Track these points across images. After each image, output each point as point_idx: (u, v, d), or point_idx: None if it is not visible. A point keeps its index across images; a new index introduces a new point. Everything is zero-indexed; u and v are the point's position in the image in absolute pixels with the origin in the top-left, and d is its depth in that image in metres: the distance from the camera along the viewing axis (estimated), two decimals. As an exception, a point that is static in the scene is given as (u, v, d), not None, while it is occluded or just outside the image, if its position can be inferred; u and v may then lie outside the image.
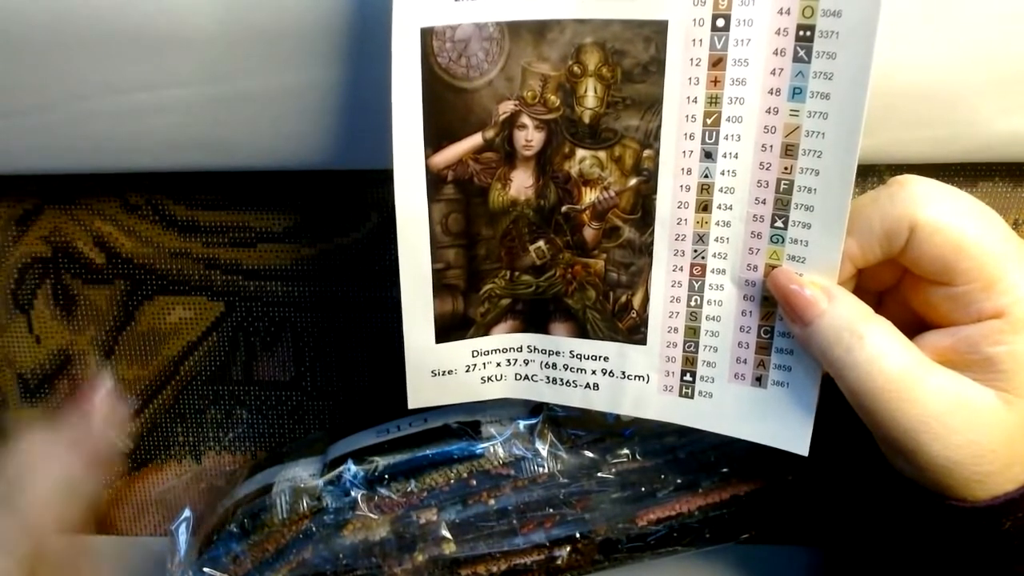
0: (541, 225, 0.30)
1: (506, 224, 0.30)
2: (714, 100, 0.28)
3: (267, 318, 0.39)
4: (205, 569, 0.34)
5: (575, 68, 0.28)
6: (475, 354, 0.32)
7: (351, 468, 0.34)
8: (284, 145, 0.32)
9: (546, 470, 0.33)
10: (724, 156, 0.28)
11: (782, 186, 0.28)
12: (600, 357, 0.31)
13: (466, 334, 0.31)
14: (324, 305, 0.39)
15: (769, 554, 0.40)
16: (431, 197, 0.29)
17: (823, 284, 0.27)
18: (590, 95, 0.28)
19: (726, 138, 0.28)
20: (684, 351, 0.31)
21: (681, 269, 0.30)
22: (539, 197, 0.30)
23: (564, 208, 0.30)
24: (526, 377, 0.32)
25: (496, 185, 0.30)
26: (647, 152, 0.29)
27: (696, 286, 0.30)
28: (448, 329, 0.31)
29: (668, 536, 0.34)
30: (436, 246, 0.30)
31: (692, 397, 0.31)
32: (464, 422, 0.35)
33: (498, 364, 0.32)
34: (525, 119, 0.29)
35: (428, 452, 0.34)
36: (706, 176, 0.29)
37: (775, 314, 0.29)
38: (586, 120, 0.29)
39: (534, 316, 0.32)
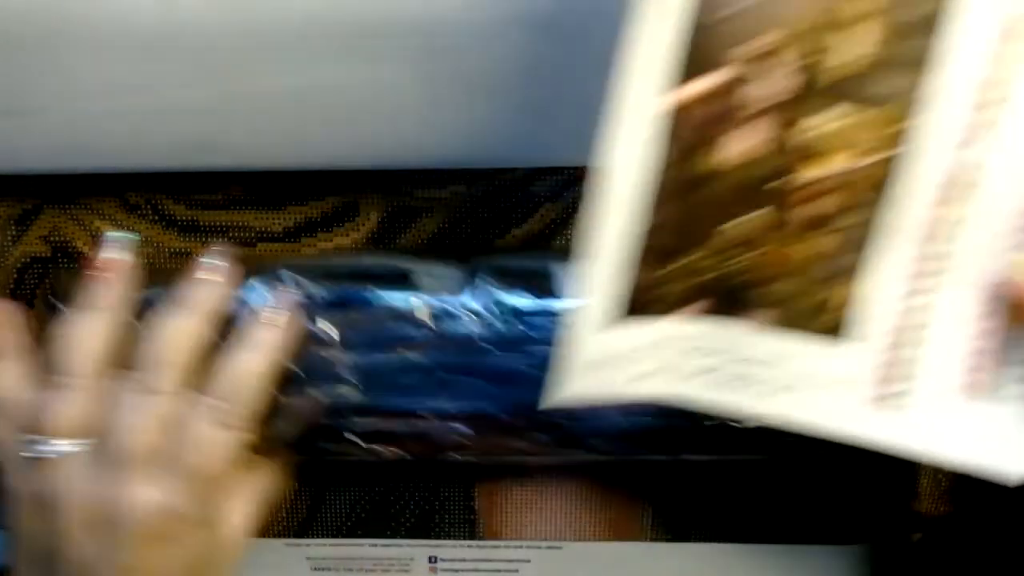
0: (758, 194, 0.26)
1: (719, 187, 0.26)
2: (996, 82, 0.24)
3: (267, 318, 0.39)
4: None
5: (839, 14, 0.24)
6: (648, 342, 0.28)
7: (265, 281, 0.32)
8: (284, 145, 0.32)
9: (470, 331, 0.31)
10: (991, 145, 0.24)
11: None
12: (797, 358, 0.27)
13: (647, 310, 0.28)
14: (324, 305, 0.39)
15: (792, 553, 0.40)
16: (649, 143, 0.25)
17: None
18: (852, 49, 0.24)
19: (1000, 126, 0.24)
20: (891, 355, 0.27)
21: (913, 263, 0.26)
22: (764, 161, 0.26)
23: (789, 177, 0.26)
24: (702, 373, 0.28)
25: (720, 140, 0.26)
26: (901, 126, 0.25)
27: (922, 284, 0.26)
28: (629, 304, 0.27)
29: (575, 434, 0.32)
30: (644, 199, 0.26)
31: (888, 410, 0.27)
32: (399, 267, 0.32)
33: (671, 355, 0.28)
34: (769, 67, 0.25)
35: (353, 287, 0.31)
36: (963, 164, 0.25)
37: (1000, 321, 0.26)
38: (839, 77, 0.25)
39: (725, 303, 0.28)
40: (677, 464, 0.33)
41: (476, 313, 0.31)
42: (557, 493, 0.40)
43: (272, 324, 0.31)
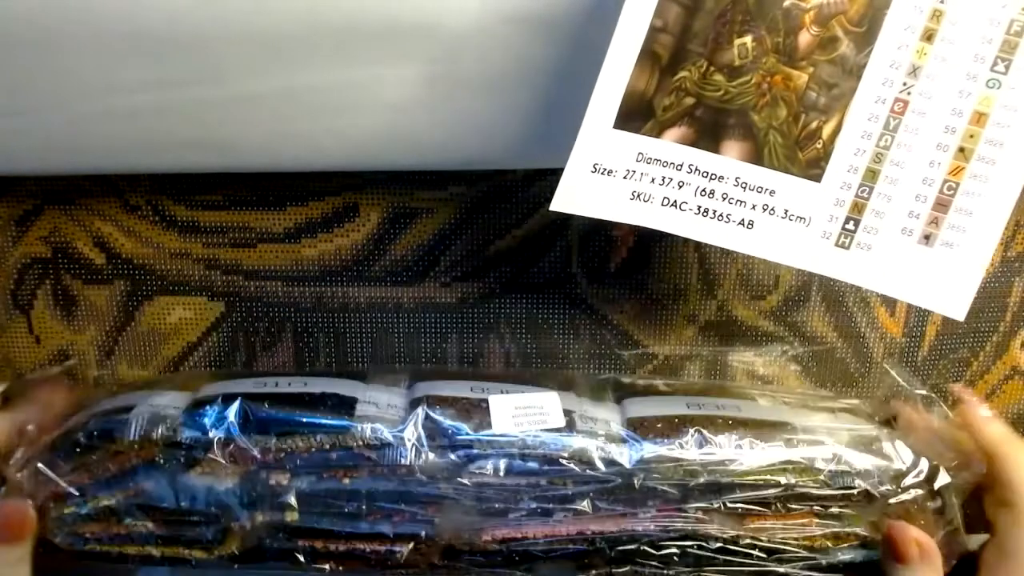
0: (757, 16, 0.28)
1: (725, 4, 0.28)
2: None
3: (267, 318, 0.39)
4: (39, 465, 0.33)
5: None
6: (639, 157, 0.29)
7: (216, 409, 0.33)
8: (284, 145, 0.32)
9: (407, 461, 0.32)
10: None
11: (1015, 28, 0.26)
12: (767, 190, 0.29)
13: (642, 127, 0.29)
14: (324, 305, 0.39)
15: None
16: None
17: None
18: None
19: None
20: (856, 196, 0.29)
21: (884, 102, 0.28)
22: None
23: (788, 2, 0.28)
24: (675, 204, 0.30)
25: None
26: None
27: (893, 124, 0.28)
28: (629, 115, 0.29)
29: (509, 558, 0.34)
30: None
31: (848, 248, 0.29)
32: (343, 395, 0.34)
33: (653, 180, 0.30)
34: None
35: (298, 415, 0.33)
36: (942, 1, 0.27)
37: (965, 170, 0.28)
38: None
39: (710, 130, 0.29)
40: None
41: (414, 443, 0.33)
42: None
43: None
